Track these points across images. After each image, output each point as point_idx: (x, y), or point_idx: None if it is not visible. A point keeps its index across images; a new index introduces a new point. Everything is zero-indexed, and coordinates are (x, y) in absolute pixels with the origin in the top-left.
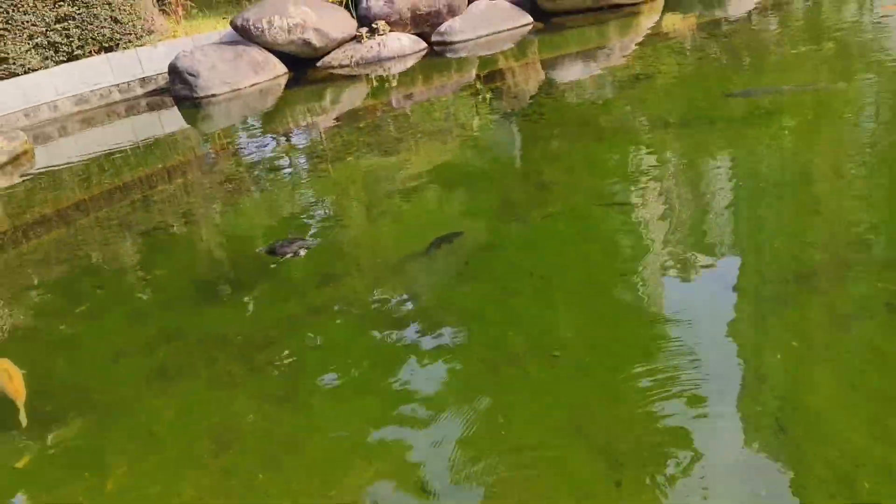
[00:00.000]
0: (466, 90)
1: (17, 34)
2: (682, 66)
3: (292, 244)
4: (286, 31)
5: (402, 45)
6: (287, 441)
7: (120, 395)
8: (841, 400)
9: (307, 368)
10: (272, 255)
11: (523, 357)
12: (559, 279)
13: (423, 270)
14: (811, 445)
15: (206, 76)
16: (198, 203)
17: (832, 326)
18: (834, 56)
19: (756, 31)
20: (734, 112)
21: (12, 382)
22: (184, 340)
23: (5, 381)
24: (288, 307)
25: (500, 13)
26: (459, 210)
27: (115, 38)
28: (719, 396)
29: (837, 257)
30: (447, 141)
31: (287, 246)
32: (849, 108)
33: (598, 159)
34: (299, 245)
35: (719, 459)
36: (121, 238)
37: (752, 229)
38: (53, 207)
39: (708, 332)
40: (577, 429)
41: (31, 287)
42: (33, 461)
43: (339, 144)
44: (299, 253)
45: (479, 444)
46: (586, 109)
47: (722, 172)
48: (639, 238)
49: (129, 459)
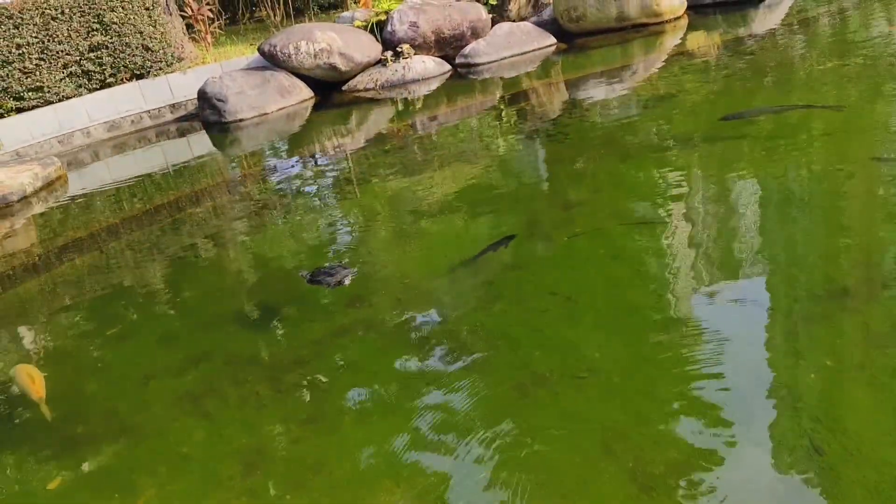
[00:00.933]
0: (491, 112)
1: (51, 63)
2: (706, 84)
3: (335, 272)
4: (312, 56)
5: (427, 67)
6: (314, 463)
7: (150, 416)
8: (878, 420)
9: (335, 390)
10: (316, 285)
11: (551, 378)
12: (586, 299)
13: (450, 291)
14: (848, 468)
15: (234, 101)
16: (226, 226)
17: (867, 345)
18: (859, 74)
19: (781, 49)
20: (761, 129)
21: (34, 384)
22: (212, 362)
23: (28, 382)
24: (315, 329)
25: (524, 35)
26: (485, 231)
27: (147, 66)
28: (752, 417)
29: (870, 275)
30: (472, 162)
31: (330, 274)
32: (875, 124)
33: (624, 179)
34: (343, 274)
35: (753, 482)
36: (151, 261)
37: (781, 247)
38: (86, 231)
39: (739, 351)
40: (606, 451)
41: (63, 309)
42: (65, 483)
43: (365, 167)
44: (344, 282)
45: (506, 466)
46: (611, 129)
47: (749, 190)
48: (666, 257)
49: (159, 481)
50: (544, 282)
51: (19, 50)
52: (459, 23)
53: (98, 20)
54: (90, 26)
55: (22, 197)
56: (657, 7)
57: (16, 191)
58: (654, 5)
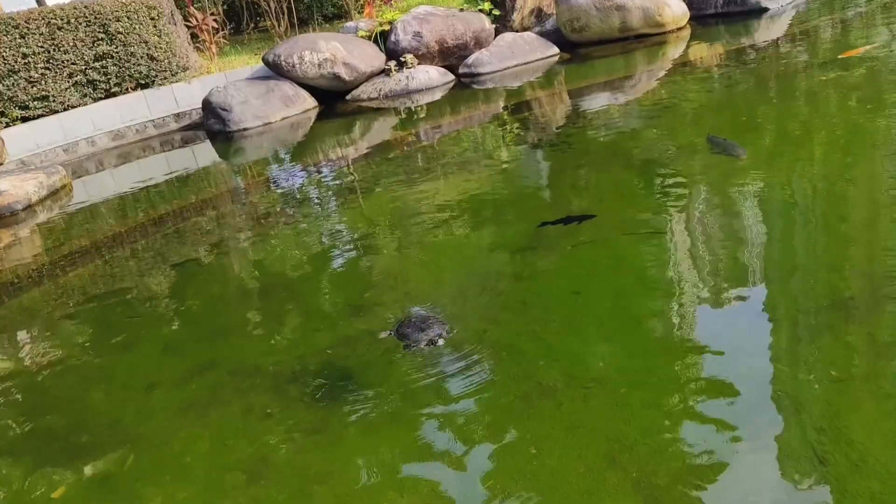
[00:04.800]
0: (494, 121)
1: (57, 73)
2: (709, 94)
3: (426, 327)
4: (316, 66)
5: (430, 77)
6: (318, 473)
7: (154, 426)
8: (883, 431)
9: (339, 400)
10: (404, 342)
11: (555, 389)
12: (591, 309)
13: (454, 301)
14: (853, 478)
15: (238, 111)
16: (230, 235)
17: (872, 355)
18: (863, 84)
19: (783, 59)
20: (763, 138)
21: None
22: (217, 372)
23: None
24: (320, 338)
25: (527, 45)
26: (489, 241)
27: (151, 75)
28: (756, 428)
29: (874, 285)
30: (476, 171)
31: (421, 328)
32: (881, 132)
33: (627, 188)
34: (436, 333)
35: (757, 493)
36: (155, 270)
37: (786, 257)
38: (90, 240)
39: (743, 362)
40: (610, 461)
41: (67, 318)
42: (69, 492)
43: (368, 176)
44: (437, 342)
45: (511, 477)
46: (614, 138)
47: (754, 199)
48: (671, 267)
49: (163, 490)
50: (549, 291)
51: (25, 59)
52: (463, 33)
53: (103, 30)
54: (96, 36)
55: (27, 206)
56: (660, 18)
57: (21, 199)
58: (656, 16)
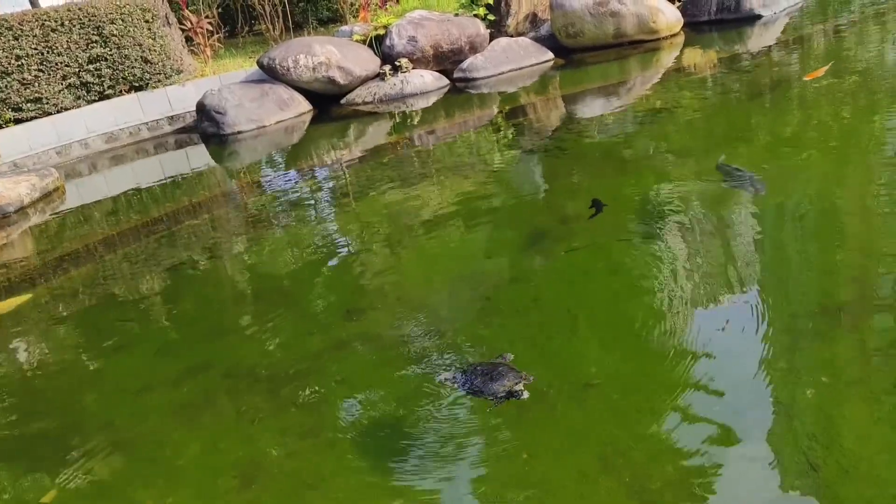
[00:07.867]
0: (489, 126)
1: (50, 75)
2: (702, 100)
3: (503, 376)
4: (311, 70)
5: (425, 81)
6: (311, 477)
7: (146, 429)
8: (875, 437)
9: (332, 403)
10: (477, 396)
11: (549, 393)
12: (584, 314)
13: (449, 305)
14: (844, 484)
15: (232, 114)
16: (223, 238)
17: (863, 362)
18: (855, 90)
19: (776, 66)
20: (756, 145)
21: None
22: (210, 374)
23: None
24: (313, 341)
25: (522, 50)
26: (483, 245)
27: (146, 78)
28: (749, 434)
29: (866, 292)
30: (470, 176)
31: (494, 378)
32: (872, 140)
33: (621, 193)
34: (515, 381)
35: (749, 499)
36: (148, 273)
37: (779, 263)
38: (83, 243)
39: (736, 367)
40: (604, 466)
41: (60, 321)
42: (60, 496)
43: (362, 179)
44: (522, 395)
45: (504, 482)
46: (608, 144)
47: (748, 206)
48: (664, 273)
49: (155, 493)
50: (543, 296)
51: (18, 61)
52: (458, 38)
53: (98, 32)
54: (90, 38)
55: (19, 208)
56: (654, 24)
57: (13, 202)
58: (650, 22)
